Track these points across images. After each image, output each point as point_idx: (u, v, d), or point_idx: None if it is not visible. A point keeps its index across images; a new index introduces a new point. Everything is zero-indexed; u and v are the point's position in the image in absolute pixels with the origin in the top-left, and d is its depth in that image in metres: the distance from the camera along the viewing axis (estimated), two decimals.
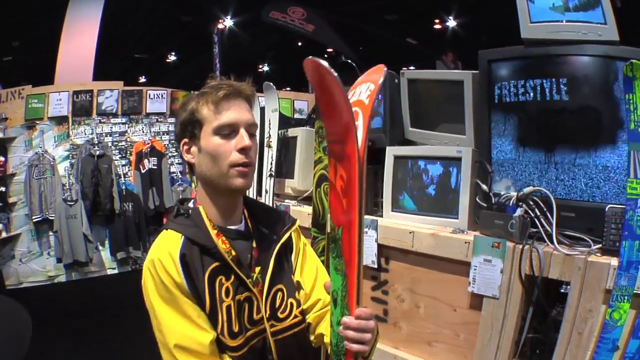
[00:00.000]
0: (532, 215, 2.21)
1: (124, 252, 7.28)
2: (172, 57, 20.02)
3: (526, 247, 2.14)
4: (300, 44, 17.28)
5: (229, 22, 14.73)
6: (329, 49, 16.03)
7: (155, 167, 7.39)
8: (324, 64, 1.16)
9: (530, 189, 2.25)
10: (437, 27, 16.15)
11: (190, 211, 1.62)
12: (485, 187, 2.45)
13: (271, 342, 1.61)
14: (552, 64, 2.21)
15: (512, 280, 2.18)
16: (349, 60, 3.22)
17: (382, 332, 1.51)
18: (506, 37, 2.46)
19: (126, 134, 7.52)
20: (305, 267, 1.77)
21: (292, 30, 11.28)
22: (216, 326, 1.52)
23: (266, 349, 1.61)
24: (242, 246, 1.64)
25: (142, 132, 7.60)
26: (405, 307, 2.62)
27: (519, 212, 2.21)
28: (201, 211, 1.60)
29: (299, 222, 1.83)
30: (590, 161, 2.16)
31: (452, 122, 2.71)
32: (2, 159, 6.61)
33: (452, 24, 15.73)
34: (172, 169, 7.75)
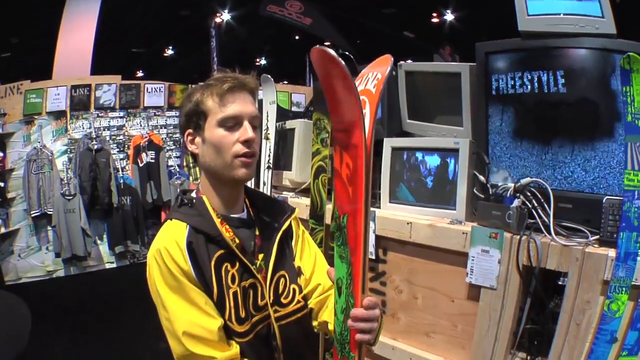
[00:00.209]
0: (529, 206, 2.22)
1: (122, 246, 7.26)
2: (170, 52, 19.99)
3: (524, 237, 2.15)
4: (297, 38, 17.27)
5: (226, 16, 14.70)
6: (326, 42, 16.03)
7: (153, 161, 7.36)
8: (332, 52, 1.16)
9: (527, 180, 2.25)
10: (435, 20, 16.13)
11: (194, 201, 1.64)
12: (482, 178, 2.45)
13: (275, 328, 1.64)
14: (550, 57, 2.21)
15: (509, 271, 2.19)
16: (347, 52, 3.22)
17: None
18: (503, 30, 2.45)
19: (124, 128, 7.49)
20: (304, 254, 1.81)
21: (290, 23, 11.23)
22: (224, 312, 1.54)
23: (270, 335, 1.64)
24: (245, 234, 1.67)
25: (140, 125, 7.57)
26: (403, 298, 2.62)
27: (517, 203, 2.21)
28: (205, 200, 1.63)
29: (297, 211, 1.86)
30: (587, 153, 2.16)
31: (450, 114, 2.71)
32: (0, 154, 6.59)
33: (449, 17, 15.71)
34: (170, 163, 7.72)
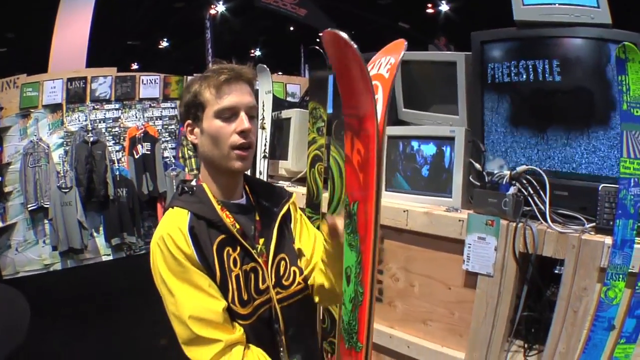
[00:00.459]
0: (525, 193, 2.23)
1: (119, 238, 7.27)
2: (165, 44, 19.97)
3: (520, 225, 2.15)
4: (292, 29, 17.25)
5: (221, 7, 14.68)
6: (321, 33, 15.98)
7: (148, 152, 7.37)
8: (344, 35, 1.15)
9: (523, 167, 2.26)
10: (430, 11, 16.13)
11: (194, 188, 1.67)
12: (478, 166, 2.45)
13: (277, 309, 1.68)
14: (545, 46, 2.21)
15: (506, 258, 2.19)
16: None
17: (377, 311, 1.51)
18: (498, 21, 2.45)
19: (119, 120, 7.47)
20: (303, 235, 1.85)
21: (285, 14, 11.20)
22: (227, 295, 1.58)
23: (272, 319, 1.68)
24: (245, 219, 1.71)
25: (136, 117, 7.56)
26: (400, 286, 2.63)
27: (513, 190, 2.22)
28: (205, 188, 1.67)
29: (295, 195, 1.90)
30: (582, 141, 2.17)
31: (445, 102, 2.72)
32: None
33: (444, 8, 15.72)
34: (165, 154, 7.72)
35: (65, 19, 7.45)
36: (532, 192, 2.21)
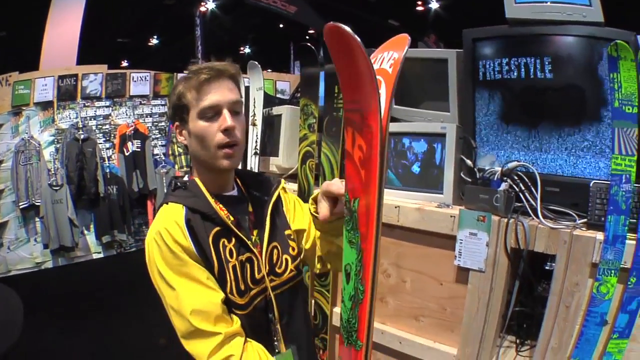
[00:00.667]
0: (516, 189, 2.24)
1: (109, 236, 7.23)
2: (154, 41, 19.88)
3: (511, 220, 2.16)
4: (281, 26, 17.23)
5: (211, 4, 14.64)
6: (310, 30, 15.97)
7: (139, 150, 7.33)
8: (347, 29, 1.14)
9: (514, 163, 2.27)
10: (420, 8, 16.13)
11: (187, 184, 1.69)
12: (469, 162, 2.46)
13: (272, 297, 1.71)
14: (537, 43, 2.23)
15: (497, 253, 2.20)
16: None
17: None
18: (488, 18, 2.46)
19: (110, 117, 7.43)
20: (297, 214, 1.90)
21: (275, 12, 11.18)
22: (225, 286, 1.60)
23: (268, 308, 1.71)
24: (239, 210, 1.74)
25: (126, 115, 7.51)
26: (391, 282, 2.63)
27: (504, 186, 2.23)
28: (198, 182, 1.69)
29: (284, 182, 1.93)
30: (573, 137, 2.19)
31: (436, 99, 2.72)
32: None
33: (434, 5, 15.73)
34: (156, 151, 7.67)
35: (56, 16, 7.41)
36: (523, 188, 2.22)
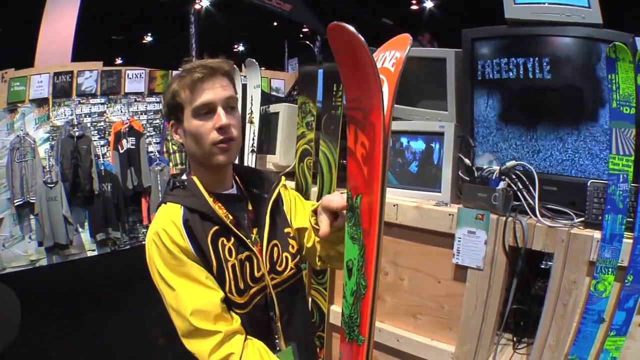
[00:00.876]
0: (514, 188, 2.26)
1: (104, 234, 7.22)
2: (149, 39, 19.84)
3: (509, 219, 2.18)
4: (275, 24, 17.22)
5: (205, 2, 14.60)
6: (304, 28, 15.97)
7: (133, 147, 7.32)
8: (351, 28, 1.16)
9: (512, 162, 2.28)
10: (414, 7, 16.15)
11: (185, 183, 1.68)
12: (468, 161, 2.47)
13: (273, 295, 1.70)
14: (536, 44, 2.24)
15: (496, 251, 2.22)
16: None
17: None
18: (483, 17, 2.47)
19: (105, 114, 7.41)
20: (298, 211, 1.90)
21: (270, 10, 11.17)
22: (224, 285, 1.60)
23: (268, 306, 1.70)
24: (237, 209, 1.73)
25: (121, 112, 7.51)
26: (389, 280, 2.64)
27: (502, 185, 2.24)
28: (196, 181, 1.67)
29: (284, 179, 1.93)
30: (571, 137, 2.20)
31: (434, 98, 2.73)
32: None
33: (428, 4, 15.74)
34: (150, 149, 7.68)
35: (52, 12, 7.39)
36: (521, 187, 2.24)
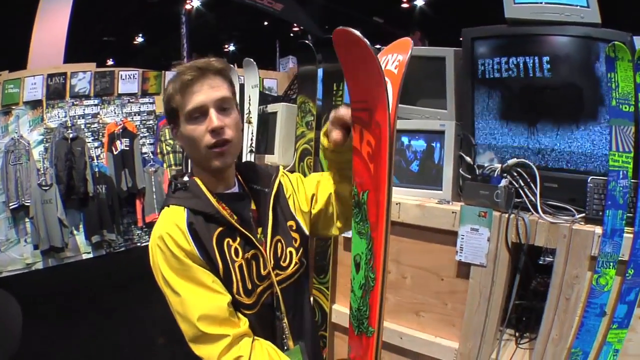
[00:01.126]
0: (516, 185, 2.29)
1: (99, 236, 7.18)
2: (140, 39, 19.79)
3: (512, 216, 2.21)
4: (266, 24, 17.23)
5: (196, 2, 14.59)
6: (295, 27, 15.98)
7: (127, 148, 7.29)
8: (357, 33, 1.20)
9: (514, 160, 2.32)
10: (405, 6, 16.18)
11: (187, 184, 1.66)
12: (469, 159, 2.50)
13: (278, 292, 1.68)
14: (535, 43, 2.27)
15: (499, 248, 2.25)
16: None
17: None
18: (473, 15, 2.50)
19: (98, 116, 7.38)
20: (299, 192, 1.87)
21: (261, 9, 11.14)
22: (231, 287, 1.57)
23: (274, 304, 1.68)
24: (241, 207, 1.70)
25: (114, 113, 7.48)
26: (391, 278, 2.66)
27: (504, 182, 2.27)
28: (198, 182, 1.65)
29: (282, 169, 1.90)
30: (571, 135, 2.24)
31: (433, 97, 2.75)
32: None
33: (419, 2, 15.78)
34: (144, 150, 7.66)
35: (45, 14, 7.37)
36: (522, 184, 2.28)
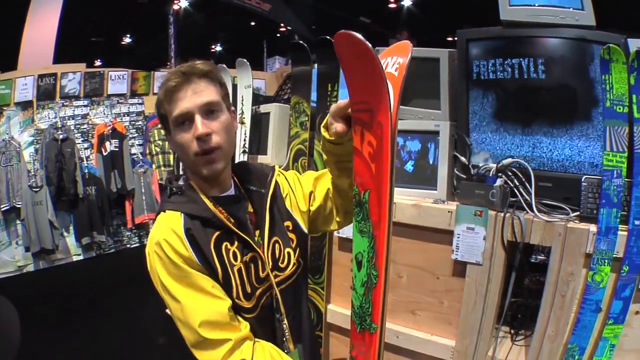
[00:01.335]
0: (511, 185, 2.31)
1: (89, 238, 7.18)
2: (128, 40, 19.70)
3: (507, 215, 2.24)
4: (253, 24, 17.21)
5: (184, 2, 14.54)
6: (281, 27, 15.97)
7: (116, 150, 7.30)
8: (359, 36, 1.23)
9: (509, 160, 2.34)
10: (392, 6, 16.19)
11: (183, 188, 1.64)
12: (464, 159, 2.53)
13: (277, 293, 1.66)
14: (530, 45, 2.31)
15: (494, 246, 2.28)
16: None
17: None
18: (461, 16, 2.53)
19: (88, 117, 7.39)
20: (297, 190, 1.85)
21: (249, 10, 11.12)
22: (230, 291, 1.55)
23: (274, 305, 1.67)
24: (238, 210, 1.68)
25: (104, 114, 7.49)
26: None
27: (499, 182, 2.30)
28: (194, 186, 1.64)
29: (277, 167, 1.88)
30: (565, 135, 2.28)
31: (426, 97, 2.77)
32: None
33: (406, 3, 15.80)
34: (133, 151, 7.67)
35: (35, 15, 7.35)
36: (517, 183, 2.30)
